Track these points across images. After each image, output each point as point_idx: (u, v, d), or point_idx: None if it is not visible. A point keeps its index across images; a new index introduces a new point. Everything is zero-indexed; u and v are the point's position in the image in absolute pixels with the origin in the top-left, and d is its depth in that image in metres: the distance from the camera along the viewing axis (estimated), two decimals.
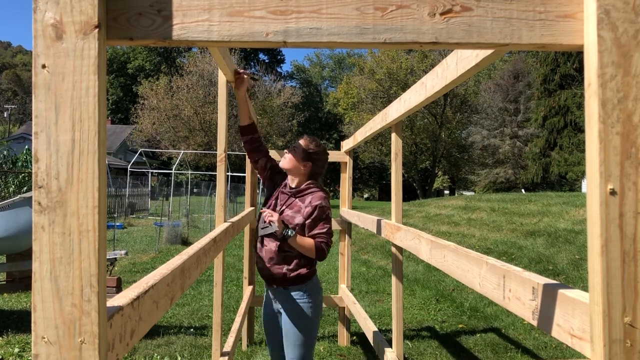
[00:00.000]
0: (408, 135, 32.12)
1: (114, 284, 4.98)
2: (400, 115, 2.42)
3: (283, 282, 2.53)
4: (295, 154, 2.55)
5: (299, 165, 2.55)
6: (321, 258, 2.50)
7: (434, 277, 7.16)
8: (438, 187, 44.16)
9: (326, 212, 2.53)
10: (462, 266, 1.60)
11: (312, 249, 2.48)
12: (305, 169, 2.56)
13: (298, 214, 2.50)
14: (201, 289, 6.57)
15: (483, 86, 36.05)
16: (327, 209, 2.54)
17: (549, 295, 1.04)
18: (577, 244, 7.23)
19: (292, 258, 2.51)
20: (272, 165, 2.71)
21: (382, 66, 31.50)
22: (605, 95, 0.76)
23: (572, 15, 0.81)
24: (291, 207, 2.53)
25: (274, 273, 2.52)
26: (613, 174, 0.76)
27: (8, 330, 4.71)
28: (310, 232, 2.49)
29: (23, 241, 5.30)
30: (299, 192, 2.56)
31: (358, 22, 0.80)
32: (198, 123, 28.69)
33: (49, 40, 0.72)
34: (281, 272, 2.51)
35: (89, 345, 0.71)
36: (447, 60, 1.57)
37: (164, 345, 4.35)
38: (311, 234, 2.49)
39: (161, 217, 13.52)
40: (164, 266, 1.26)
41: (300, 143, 2.58)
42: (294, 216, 2.50)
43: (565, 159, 26.08)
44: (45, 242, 0.71)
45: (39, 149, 0.72)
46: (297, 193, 2.56)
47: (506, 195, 13.66)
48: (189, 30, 0.79)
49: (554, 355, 4.15)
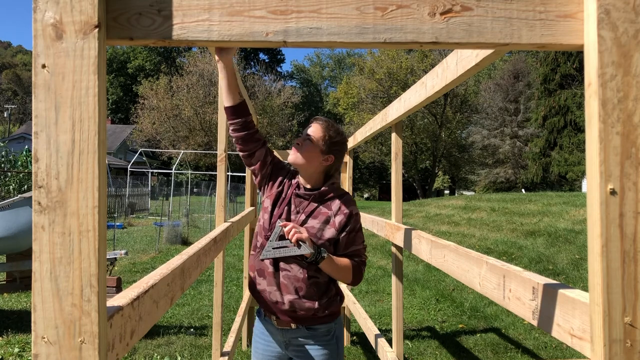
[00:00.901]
0: (408, 135, 32.13)
1: (114, 284, 4.99)
2: (400, 115, 2.42)
3: (309, 320, 1.90)
4: (312, 145, 1.91)
5: (318, 160, 1.92)
6: (358, 282, 1.96)
7: (434, 277, 7.16)
8: (438, 187, 44.17)
9: (360, 222, 1.98)
10: (462, 266, 1.60)
11: (348, 273, 1.89)
12: (325, 163, 1.94)
13: (327, 225, 1.88)
14: (201, 289, 6.58)
15: (483, 86, 36.05)
16: (360, 217, 2.00)
17: (549, 295, 1.04)
18: (577, 244, 7.23)
19: (323, 287, 1.90)
20: (274, 160, 2.01)
21: (382, 66, 31.52)
22: (605, 95, 0.76)
23: (572, 15, 0.81)
24: (315, 215, 1.90)
25: (300, 309, 1.86)
26: (613, 174, 0.76)
27: (8, 330, 4.71)
28: (347, 249, 1.91)
29: (23, 241, 5.30)
30: (323, 195, 1.93)
31: (358, 22, 0.80)
32: (198, 123, 28.70)
33: (49, 40, 0.72)
34: (312, 307, 1.86)
35: (89, 345, 0.71)
36: (447, 60, 1.57)
37: (164, 345, 4.35)
38: (348, 251, 1.91)
39: (161, 217, 13.52)
40: (164, 266, 1.26)
41: (319, 130, 1.93)
42: (322, 228, 1.87)
43: (565, 159, 26.08)
44: (45, 242, 0.71)
45: (39, 149, 0.72)
46: (321, 197, 1.93)
47: (506, 195, 13.66)
48: (189, 30, 0.79)
49: (554, 355, 4.15)
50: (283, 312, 1.87)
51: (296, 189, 1.95)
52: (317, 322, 1.90)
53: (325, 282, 1.89)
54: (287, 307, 1.85)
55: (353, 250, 1.92)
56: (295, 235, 1.76)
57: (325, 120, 1.98)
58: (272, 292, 1.87)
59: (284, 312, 1.87)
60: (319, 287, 1.87)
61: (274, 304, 1.88)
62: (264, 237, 1.89)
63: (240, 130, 1.89)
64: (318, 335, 1.91)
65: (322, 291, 1.89)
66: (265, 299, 1.90)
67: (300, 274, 1.84)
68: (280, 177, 1.99)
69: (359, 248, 1.94)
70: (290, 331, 1.91)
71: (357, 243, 1.93)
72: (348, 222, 1.90)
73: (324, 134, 1.92)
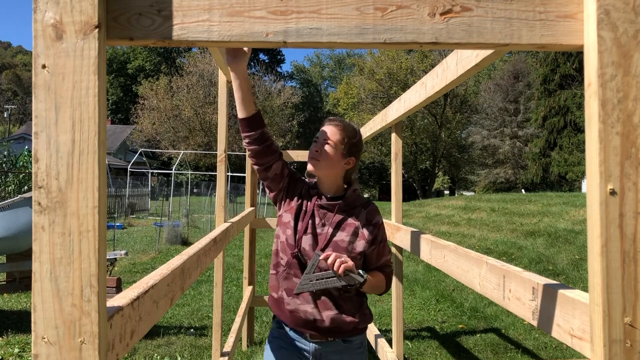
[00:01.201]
0: (408, 135, 32.13)
1: (114, 284, 4.99)
2: (400, 115, 2.42)
3: (347, 333, 1.79)
4: (332, 150, 1.76)
5: (340, 165, 1.79)
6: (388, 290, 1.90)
7: (434, 277, 7.16)
8: (438, 188, 44.18)
9: (385, 231, 1.88)
10: (462, 266, 1.60)
11: (382, 285, 1.83)
12: (347, 167, 1.81)
13: (356, 237, 1.76)
14: (201, 289, 6.57)
15: (483, 86, 36.06)
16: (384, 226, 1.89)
17: (549, 295, 1.04)
18: (577, 244, 7.23)
19: (356, 300, 1.81)
20: (290, 172, 1.87)
21: (382, 66, 31.53)
22: (605, 95, 0.76)
23: (572, 16, 0.81)
24: (343, 227, 1.77)
25: (342, 324, 1.75)
26: (613, 174, 0.76)
27: (8, 330, 4.71)
28: (378, 262, 1.82)
29: (23, 241, 5.30)
30: (348, 204, 1.81)
31: (358, 22, 0.80)
32: (198, 123, 28.72)
33: (49, 40, 0.72)
34: (354, 321, 1.77)
35: (89, 345, 0.71)
36: (447, 61, 1.57)
37: (164, 345, 4.35)
38: (379, 264, 1.83)
39: (161, 217, 13.52)
40: (164, 266, 1.26)
41: (336, 132, 1.78)
42: (352, 241, 1.75)
43: (565, 159, 26.09)
44: (45, 242, 0.71)
45: (39, 149, 0.72)
46: (347, 206, 1.80)
47: (506, 196, 13.66)
48: (189, 30, 0.79)
49: (554, 356, 4.15)
50: (322, 329, 1.75)
51: (318, 200, 1.81)
52: (354, 334, 1.81)
53: (356, 295, 1.80)
54: (328, 324, 1.73)
55: (384, 261, 1.84)
56: (342, 266, 1.62)
57: (339, 120, 1.84)
58: (309, 311, 1.74)
59: (322, 330, 1.75)
60: (353, 301, 1.79)
61: (311, 322, 1.74)
62: (292, 256, 1.76)
63: (256, 143, 1.74)
64: (352, 347, 1.83)
65: (358, 305, 1.81)
66: (299, 318, 1.76)
67: (336, 291, 1.74)
68: (299, 189, 1.85)
69: (387, 258, 1.86)
70: (324, 344, 1.79)
71: (386, 253, 1.85)
72: (377, 234, 1.79)
73: (342, 135, 1.77)
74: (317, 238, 1.75)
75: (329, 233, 1.75)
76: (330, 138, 1.76)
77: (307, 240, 1.75)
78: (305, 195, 1.83)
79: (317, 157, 1.77)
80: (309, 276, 1.68)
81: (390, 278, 1.88)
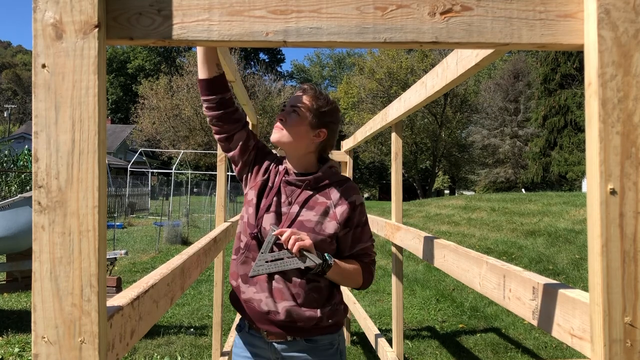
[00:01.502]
0: (408, 135, 32.13)
1: (114, 284, 4.99)
2: (401, 115, 2.42)
3: (309, 332, 1.55)
4: (299, 118, 1.56)
5: (308, 137, 1.58)
6: (368, 286, 1.65)
7: (434, 277, 7.16)
8: (438, 187, 44.18)
9: (365, 214, 1.65)
10: (462, 266, 1.60)
11: (358, 277, 1.59)
12: (317, 140, 1.60)
13: (327, 217, 1.54)
14: (201, 288, 6.57)
15: (483, 86, 36.06)
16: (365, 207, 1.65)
17: (549, 295, 1.04)
18: (577, 244, 7.23)
19: (325, 292, 1.57)
20: (258, 144, 1.66)
21: (382, 66, 31.53)
22: (605, 94, 0.76)
23: (573, 15, 0.81)
24: (310, 206, 1.55)
25: (298, 319, 1.52)
26: (613, 174, 0.76)
27: (8, 330, 4.71)
28: (353, 249, 1.59)
29: (23, 241, 5.30)
30: (318, 180, 1.58)
31: (358, 22, 0.80)
32: (198, 123, 28.71)
33: (49, 39, 0.72)
34: (314, 316, 1.52)
35: (89, 345, 0.71)
36: (447, 60, 1.57)
37: (164, 345, 4.35)
38: (354, 251, 1.60)
39: (161, 217, 13.52)
40: (164, 266, 1.26)
41: (306, 99, 1.59)
42: (320, 221, 1.53)
43: (565, 159, 26.09)
44: (45, 241, 0.71)
45: (39, 149, 0.72)
46: (316, 182, 1.58)
47: (506, 195, 13.66)
48: (189, 29, 0.79)
49: (554, 355, 4.15)
50: (277, 323, 1.52)
51: (285, 176, 1.60)
52: (318, 333, 1.56)
53: (327, 285, 1.56)
54: (282, 317, 1.50)
55: (360, 248, 1.60)
56: (297, 244, 1.43)
57: (311, 87, 1.63)
58: (263, 300, 1.52)
59: (278, 323, 1.52)
60: (320, 293, 1.54)
61: (264, 315, 1.52)
62: (250, 236, 1.55)
63: (216, 108, 1.54)
64: (319, 348, 1.57)
65: (325, 297, 1.56)
66: (253, 309, 1.55)
67: (298, 277, 1.51)
68: (266, 162, 1.64)
69: (366, 245, 1.61)
70: (284, 345, 1.56)
71: (365, 240, 1.60)
72: (352, 215, 1.56)
73: (311, 103, 1.57)
74: (280, 217, 1.54)
75: (294, 212, 1.54)
76: (297, 105, 1.57)
77: (268, 219, 1.54)
78: (272, 170, 1.63)
79: (282, 126, 1.57)
80: (264, 256, 1.48)
81: (371, 271, 1.63)
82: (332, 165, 1.65)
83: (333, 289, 1.60)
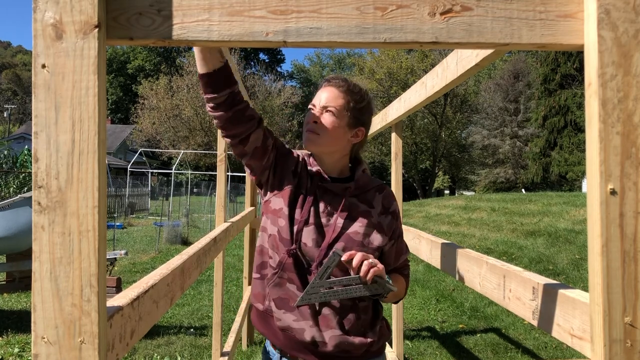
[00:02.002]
0: (408, 135, 32.13)
1: (114, 284, 4.99)
2: (401, 115, 2.42)
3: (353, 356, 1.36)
4: (334, 119, 1.35)
5: (346, 137, 1.39)
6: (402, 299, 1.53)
7: (434, 277, 7.16)
8: (438, 187, 44.17)
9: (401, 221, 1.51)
10: (463, 266, 1.60)
11: (402, 292, 1.48)
12: (355, 140, 1.42)
13: (373, 229, 1.36)
14: (201, 289, 6.57)
15: (483, 86, 36.05)
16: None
17: (549, 295, 1.04)
18: (577, 244, 7.23)
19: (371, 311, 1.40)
20: (277, 143, 1.41)
21: (382, 66, 31.52)
22: (605, 95, 0.76)
23: (573, 15, 0.81)
24: (354, 216, 1.36)
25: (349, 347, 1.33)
26: (613, 174, 0.76)
27: (8, 330, 4.71)
28: (398, 261, 1.46)
29: (23, 241, 5.30)
30: (361, 187, 1.41)
31: (358, 22, 0.80)
32: (198, 123, 28.71)
33: (49, 40, 0.72)
34: (364, 343, 1.34)
35: (88, 345, 0.71)
36: (447, 60, 1.57)
37: (164, 345, 4.35)
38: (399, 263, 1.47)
39: (161, 217, 13.52)
40: (164, 266, 1.26)
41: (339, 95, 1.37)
42: (367, 234, 1.35)
43: (565, 159, 26.08)
44: (45, 242, 0.71)
45: (38, 149, 0.72)
46: (359, 189, 1.41)
47: (506, 195, 13.67)
48: (188, 30, 0.79)
49: (554, 355, 4.15)
50: (322, 354, 1.31)
51: (320, 182, 1.38)
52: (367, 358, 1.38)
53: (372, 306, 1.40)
54: (330, 349, 1.30)
55: (403, 261, 1.47)
56: (371, 270, 1.21)
57: (342, 79, 1.41)
58: (307, 330, 1.31)
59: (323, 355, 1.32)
60: (367, 313, 1.37)
61: (309, 346, 1.31)
62: (288, 254, 1.32)
63: (225, 107, 1.26)
64: None
65: (371, 317, 1.38)
66: (292, 338, 1.33)
67: (348, 301, 1.32)
68: (291, 165, 1.41)
69: (406, 257, 1.49)
70: None
71: (405, 250, 1.48)
72: (397, 225, 1.42)
73: (346, 99, 1.37)
74: (322, 230, 1.33)
75: (339, 224, 1.33)
76: (331, 104, 1.36)
77: (309, 234, 1.32)
78: (302, 175, 1.40)
79: (317, 130, 1.35)
80: (320, 282, 1.25)
81: (409, 281, 1.51)
82: (365, 167, 1.49)
83: (377, 304, 1.44)
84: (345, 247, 1.31)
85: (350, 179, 1.43)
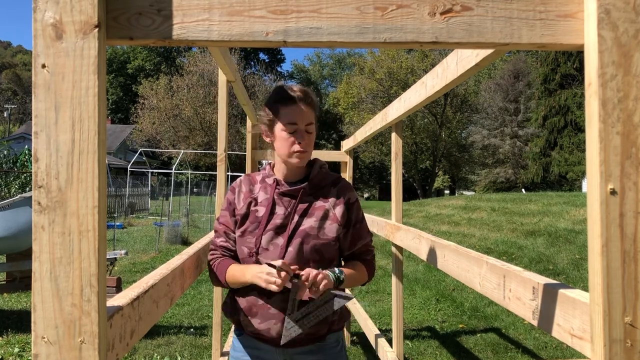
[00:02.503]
0: (408, 135, 32.14)
1: (114, 284, 4.99)
2: (401, 115, 2.42)
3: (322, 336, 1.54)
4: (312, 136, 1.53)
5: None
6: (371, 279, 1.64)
7: (434, 277, 7.16)
8: (438, 187, 44.17)
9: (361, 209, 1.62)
10: (463, 266, 1.60)
11: (364, 277, 1.58)
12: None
13: (327, 221, 1.49)
14: (201, 289, 6.57)
15: (483, 86, 36.05)
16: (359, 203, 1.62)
17: (549, 295, 1.04)
18: (577, 244, 7.23)
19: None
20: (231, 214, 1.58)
21: (382, 66, 31.54)
22: (605, 94, 0.76)
23: (573, 15, 0.81)
24: (310, 213, 1.50)
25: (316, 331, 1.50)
26: (613, 174, 0.76)
27: (8, 330, 4.71)
28: (354, 247, 1.57)
29: (23, 241, 5.30)
30: (317, 186, 1.54)
31: (358, 22, 0.80)
32: (198, 123, 28.73)
33: (49, 39, 0.72)
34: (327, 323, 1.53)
35: (88, 345, 0.71)
36: (448, 60, 1.57)
37: (164, 345, 4.35)
38: (355, 249, 1.57)
39: (161, 217, 13.52)
40: (163, 266, 1.26)
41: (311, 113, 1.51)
42: (321, 226, 1.48)
43: (565, 159, 26.08)
44: (45, 242, 0.71)
45: (39, 149, 0.72)
46: (314, 189, 1.54)
47: (506, 195, 13.67)
48: (188, 29, 0.79)
49: (554, 355, 4.15)
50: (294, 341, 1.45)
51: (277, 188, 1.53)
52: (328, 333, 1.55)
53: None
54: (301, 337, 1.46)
55: (361, 245, 1.57)
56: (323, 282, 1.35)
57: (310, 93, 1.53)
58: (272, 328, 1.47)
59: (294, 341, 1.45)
60: None
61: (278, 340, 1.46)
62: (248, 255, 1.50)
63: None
64: (327, 347, 1.56)
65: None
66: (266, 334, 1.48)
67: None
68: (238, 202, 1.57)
69: (366, 241, 1.59)
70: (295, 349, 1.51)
71: (364, 236, 1.58)
72: (351, 213, 1.54)
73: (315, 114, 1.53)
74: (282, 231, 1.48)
75: (294, 222, 1.47)
76: (310, 122, 1.50)
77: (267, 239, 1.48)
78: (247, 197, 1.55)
79: (306, 149, 1.48)
80: (294, 316, 1.36)
81: (373, 266, 1.61)
82: (322, 164, 1.60)
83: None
84: (302, 241, 1.46)
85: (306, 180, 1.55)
